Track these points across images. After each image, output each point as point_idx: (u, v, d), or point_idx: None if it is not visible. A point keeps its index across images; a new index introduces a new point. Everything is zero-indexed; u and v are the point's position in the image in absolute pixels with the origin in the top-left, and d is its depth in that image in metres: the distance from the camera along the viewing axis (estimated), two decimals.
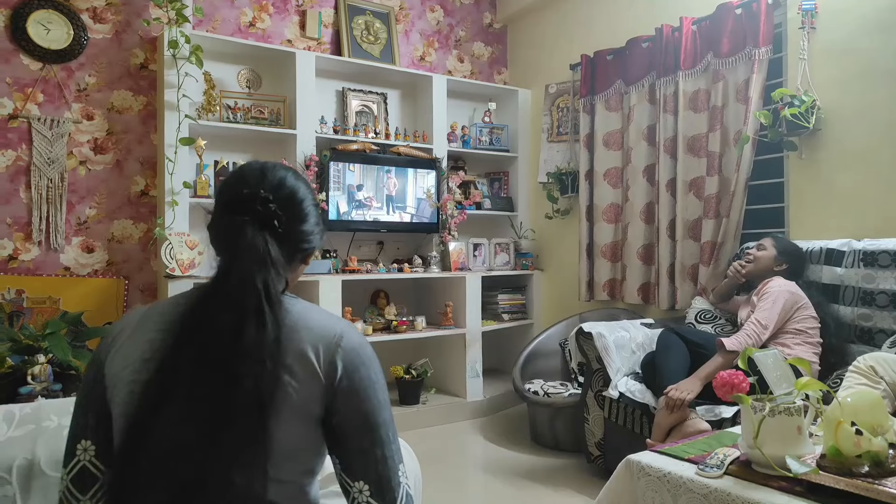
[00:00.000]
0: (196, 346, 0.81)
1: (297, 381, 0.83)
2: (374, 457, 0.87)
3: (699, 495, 1.32)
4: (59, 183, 2.95)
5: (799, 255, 2.50)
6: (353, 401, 0.87)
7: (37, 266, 2.91)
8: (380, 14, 3.88)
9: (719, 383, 1.44)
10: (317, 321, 0.89)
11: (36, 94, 2.93)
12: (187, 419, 0.78)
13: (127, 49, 3.15)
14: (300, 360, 0.84)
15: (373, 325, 3.41)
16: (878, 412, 1.27)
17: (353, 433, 0.87)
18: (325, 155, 3.36)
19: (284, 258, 0.91)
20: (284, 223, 0.91)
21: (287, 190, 0.94)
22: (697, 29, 3.06)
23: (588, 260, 3.60)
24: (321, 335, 0.87)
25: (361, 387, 0.87)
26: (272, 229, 0.89)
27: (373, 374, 0.89)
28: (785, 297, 2.29)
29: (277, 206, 0.90)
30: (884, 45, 2.47)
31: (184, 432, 0.78)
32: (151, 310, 0.91)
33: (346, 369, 0.86)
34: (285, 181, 0.95)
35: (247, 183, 0.91)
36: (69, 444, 0.90)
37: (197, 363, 0.80)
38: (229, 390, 0.78)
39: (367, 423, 0.88)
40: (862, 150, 2.54)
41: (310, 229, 0.97)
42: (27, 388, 2.33)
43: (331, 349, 0.86)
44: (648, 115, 3.31)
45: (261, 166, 0.95)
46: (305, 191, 0.98)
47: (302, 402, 0.83)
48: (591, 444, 2.58)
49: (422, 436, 3.17)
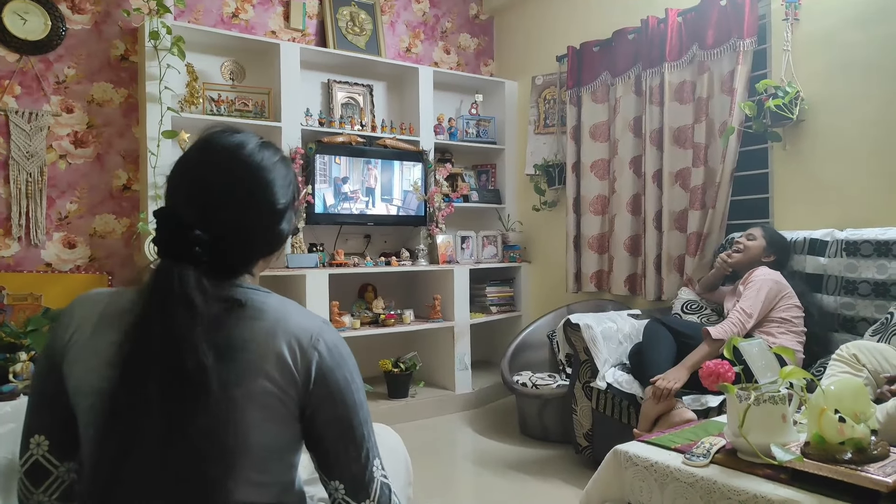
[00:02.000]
0: (160, 364, 0.76)
1: (274, 384, 0.81)
2: (349, 456, 0.86)
3: (686, 484, 1.34)
4: (39, 177, 2.90)
5: (786, 246, 2.53)
6: (328, 403, 0.85)
7: (17, 262, 2.86)
8: (365, 5, 3.84)
9: (705, 373, 1.45)
10: (293, 321, 0.84)
11: (13, 87, 2.87)
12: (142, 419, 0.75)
13: (107, 40, 3.09)
14: (276, 362, 0.81)
15: (360, 318, 3.40)
16: (861, 400, 1.29)
17: (327, 434, 0.86)
18: (311, 147, 3.33)
19: (228, 273, 0.85)
20: (223, 243, 0.82)
21: (247, 190, 0.85)
22: (683, 20, 3.07)
23: (575, 251, 3.61)
24: (297, 336, 0.83)
25: (337, 389, 0.85)
26: (200, 265, 0.79)
27: (348, 374, 0.87)
28: (769, 286, 2.31)
29: (214, 224, 0.81)
30: (866, 37, 2.49)
31: (138, 433, 0.76)
32: (108, 307, 0.85)
33: (322, 371, 0.84)
34: (239, 177, 0.85)
35: (172, 198, 0.83)
36: (23, 437, 0.88)
37: (164, 384, 0.76)
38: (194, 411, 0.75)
39: (342, 425, 0.86)
40: (845, 141, 2.57)
41: (270, 230, 0.89)
42: (9, 386, 2.29)
43: (307, 350, 0.83)
44: (634, 106, 3.32)
45: (199, 158, 0.86)
46: (271, 178, 0.87)
47: (280, 404, 0.81)
48: (580, 435, 2.59)
49: (410, 429, 3.17)
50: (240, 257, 0.87)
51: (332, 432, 0.86)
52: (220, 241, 0.81)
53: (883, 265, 2.25)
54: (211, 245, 0.80)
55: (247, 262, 0.89)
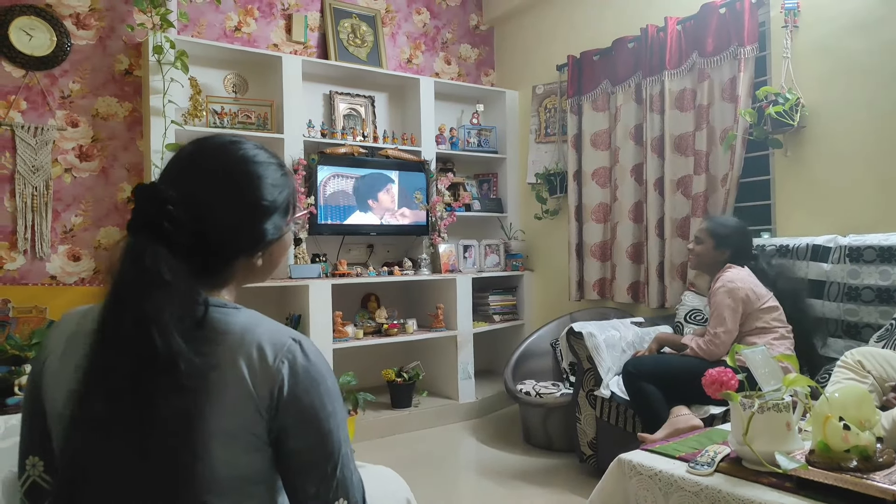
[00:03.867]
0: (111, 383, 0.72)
1: (234, 409, 0.74)
2: (306, 493, 0.78)
3: (690, 493, 1.33)
4: (45, 191, 2.92)
5: (739, 232, 2.44)
6: (293, 429, 0.76)
7: (22, 275, 2.88)
8: (366, 17, 3.87)
9: (708, 381, 1.45)
10: (257, 339, 0.76)
11: (19, 102, 2.90)
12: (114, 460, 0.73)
13: (111, 55, 3.12)
14: (239, 385, 0.74)
15: (364, 328, 3.40)
16: (866, 407, 1.28)
17: (287, 465, 0.77)
18: (313, 159, 3.35)
19: (204, 267, 0.79)
20: (200, 222, 0.77)
21: (226, 168, 0.81)
22: (682, 29, 3.08)
23: (578, 260, 3.61)
24: (262, 354, 0.75)
25: (305, 413, 0.76)
26: (171, 240, 0.74)
27: (317, 401, 0.78)
28: (727, 305, 2.25)
29: (190, 202, 0.76)
30: (866, 43, 2.50)
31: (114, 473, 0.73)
32: (80, 326, 0.81)
33: (289, 392, 0.75)
34: (227, 158, 0.82)
35: (153, 184, 0.78)
36: (20, 458, 0.86)
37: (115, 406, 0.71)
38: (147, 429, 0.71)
39: (303, 457, 0.77)
40: (846, 147, 2.57)
41: (257, 218, 0.83)
42: (14, 398, 2.31)
43: (273, 370, 0.75)
44: (635, 114, 3.33)
45: (192, 150, 0.82)
46: (257, 167, 0.83)
47: (241, 429, 0.75)
48: (584, 444, 2.58)
49: (414, 439, 3.16)
50: (215, 250, 0.80)
51: (292, 464, 0.77)
52: (196, 222, 0.76)
53: (886, 271, 2.24)
54: (187, 228, 0.75)
55: (223, 260, 0.82)
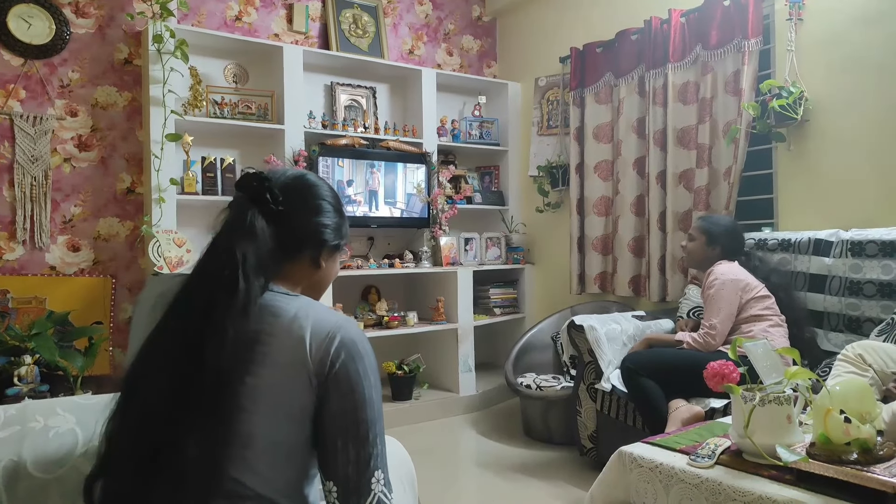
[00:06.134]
0: (175, 322, 0.85)
1: (285, 374, 0.83)
2: (347, 456, 0.84)
3: (690, 485, 1.33)
4: (44, 181, 2.91)
5: (730, 229, 2.49)
6: (337, 393, 0.85)
7: (22, 266, 2.87)
8: (368, 7, 3.84)
9: (710, 374, 1.45)
10: (313, 317, 0.88)
11: (18, 91, 2.88)
12: (156, 392, 0.81)
13: (111, 44, 3.10)
14: (293, 352, 0.84)
15: (364, 320, 3.40)
16: (867, 400, 1.28)
17: (330, 427, 0.84)
18: (314, 150, 3.34)
19: (280, 243, 0.92)
20: (286, 206, 0.93)
21: (302, 181, 1.00)
22: (686, 21, 3.06)
23: (579, 253, 3.60)
24: (317, 327, 0.86)
25: (347, 380, 0.85)
26: (266, 208, 0.91)
27: (363, 369, 0.87)
28: (725, 293, 2.29)
29: (282, 191, 0.93)
30: (870, 36, 2.48)
31: (152, 404, 0.81)
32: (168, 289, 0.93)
33: (339, 361, 0.85)
34: (304, 176, 1.02)
35: (261, 172, 0.96)
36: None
37: (173, 338, 0.83)
38: (194, 360, 0.80)
39: (345, 419, 0.85)
40: (849, 141, 2.55)
41: (322, 221, 0.99)
42: (14, 389, 2.31)
43: (326, 341, 0.85)
44: (638, 107, 3.31)
45: (288, 169, 1.01)
46: (326, 191, 1.02)
47: (289, 395, 0.83)
48: (584, 437, 2.58)
49: (414, 431, 3.17)
50: (290, 234, 0.95)
51: (335, 426, 0.84)
52: (285, 204, 0.93)
53: (888, 265, 2.23)
54: (277, 204, 0.92)
55: (293, 249, 0.97)
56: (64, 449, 1.14)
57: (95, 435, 0.95)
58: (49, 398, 2.12)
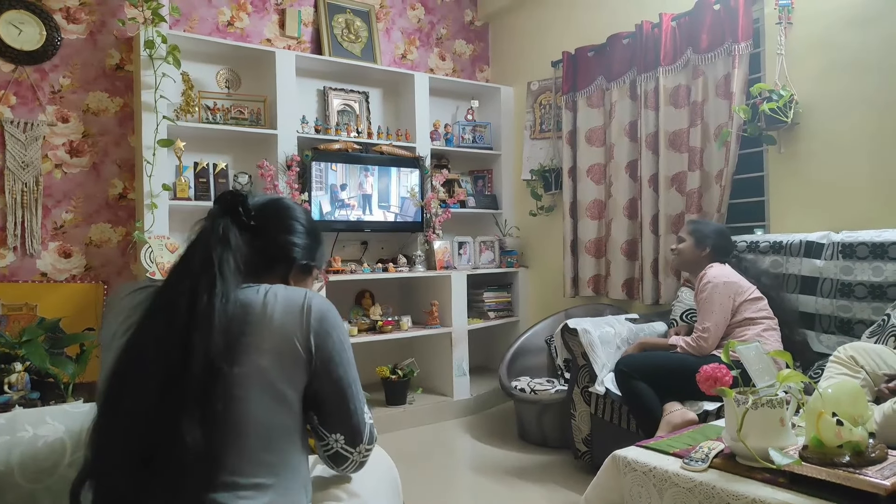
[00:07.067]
0: (159, 319, 0.87)
1: (271, 357, 0.89)
2: (348, 411, 0.99)
3: (684, 489, 1.33)
4: (35, 187, 2.89)
5: (719, 232, 2.52)
6: (327, 367, 0.95)
7: (12, 272, 2.85)
8: (360, 12, 3.85)
9: (703, 377, 1.45)
10: (283, 293, 0.95)
11: (8, 97, 2.86)
12: (146, 388, 0.83)
13: (102, 49, 3.09)
14: (275, 335, 0.90)
15: (358, 325, 3.39)
16: (859, 402, 1.28)
17: (329, 396, 0.97)
18: (307, 155, 3.33)
19: (253, 256, 0.98)
20: (258, 222, 1.00)
21: (277, 202, 1.08)
22: (677, 25, 3.08)
23: (572, 256, 3.61)
24: (289, 305, 0.93)
25: (334, 351, 0.96)
26: (239, 219, 0.98)
27: (341, 336, 0.97)
28: (717, 296, 2.30)
29: (256, 209, 1.00)
30: (859, 39, 2.50)
31: (142, 400, 0.82)
32: (139, 293, 0.96)
33: (319, 337, 0.94)
34: (281, 199, 1.11)
35: (239, 191, 1.03)
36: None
37: (158, 332, 0.86)
38: (182, 348, 0.83)
39: (340, 385, 0.97)
40: (839, 144, 2.57)
41: (293, 240, 1.06)
42: (4, 397, 2.29)
43: (301, 320, 0.93)
44: (630, 111, 3.32)
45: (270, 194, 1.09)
46: (300, 213, 1.09)
47: (277, 375, 0.89)
48: (578, 441, 2.58)
49: (409, 436, 3.15)
50: (262, 249, 1.02)
51: (333, 393, 0.97)
52: (257, 220, 1.00)
53: (879, 267, 2.25)
54: (250, 217, 0.99)
55: (264, 261, 1.03)
56: (53, 458, 1.14)
57: (83, 443, 0.95)
58: (40, 406, 2.10)
